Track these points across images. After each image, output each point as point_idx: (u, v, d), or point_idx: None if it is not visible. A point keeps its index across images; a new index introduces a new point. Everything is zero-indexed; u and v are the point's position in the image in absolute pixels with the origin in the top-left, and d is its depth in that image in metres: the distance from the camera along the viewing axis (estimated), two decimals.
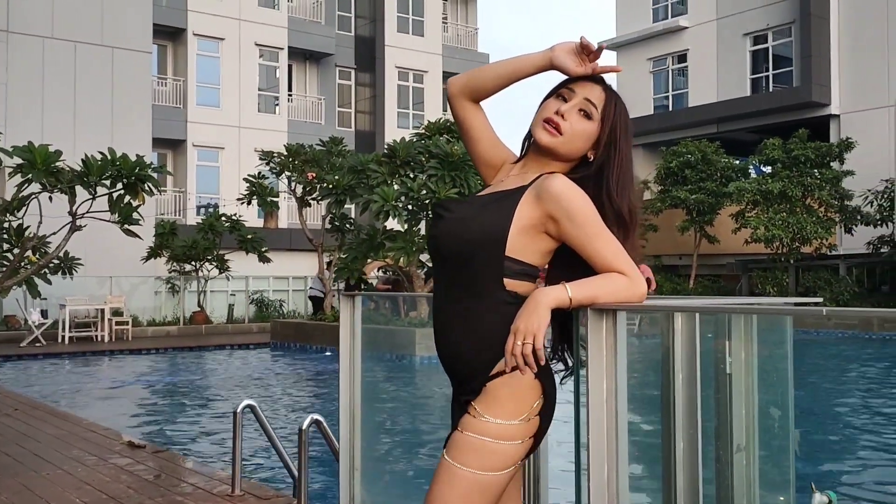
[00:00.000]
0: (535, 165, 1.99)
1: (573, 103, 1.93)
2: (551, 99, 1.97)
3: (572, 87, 1.96)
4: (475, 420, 1.86)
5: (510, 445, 1.85)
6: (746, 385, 2.40)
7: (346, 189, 14.27)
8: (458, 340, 1.93)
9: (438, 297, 2.00)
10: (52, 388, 11.52)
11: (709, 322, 2.43)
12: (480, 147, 2.12)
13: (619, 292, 1.82)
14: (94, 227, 9.18)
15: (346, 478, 3.70)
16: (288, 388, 11.80)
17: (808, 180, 21.24)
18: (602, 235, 1.86)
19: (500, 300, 1.87)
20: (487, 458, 1.84)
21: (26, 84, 20.79)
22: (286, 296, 22.88)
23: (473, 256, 1.89)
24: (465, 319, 1.92)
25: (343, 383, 3.69)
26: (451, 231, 1.94)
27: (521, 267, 1.90)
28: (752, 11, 26.35)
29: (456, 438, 1.88)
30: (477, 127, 2.11)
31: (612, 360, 1.81)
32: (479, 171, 2.16)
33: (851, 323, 19.46)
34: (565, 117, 1.92)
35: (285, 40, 27.18)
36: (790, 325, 2.32)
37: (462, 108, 2.10)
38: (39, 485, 4.96)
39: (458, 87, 2.09)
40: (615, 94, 1.98)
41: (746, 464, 2.40)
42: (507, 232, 1.88)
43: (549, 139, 1.93)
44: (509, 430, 1.85)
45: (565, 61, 1.96)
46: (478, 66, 2.82)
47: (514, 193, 1.94)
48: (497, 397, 1.86)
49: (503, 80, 2.05)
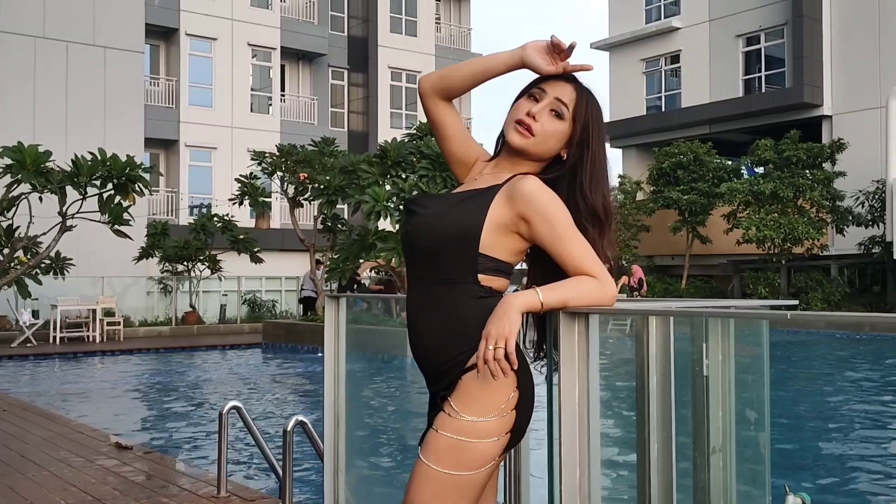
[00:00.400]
0: (508, 165, 2.00)
1: (544, 104, 1.94)
2: (523, 99, 1.97)
3: (543, 87, 1.96)
4: (450, 418, 1.85)
5: (486, 443, 1.83)
6: (723, 387, 2.41)
7: (337, 189, 14.27)
8: (431, 333, 1.93)
9: (412, 292, 2.00)
10: (42, 388, 11.49)
11: (686, 324, 2.44)
12: (453, 144, 2.12)
13: (589, 295, 1.82)
14: (86, 228, 9.20)
15: (331, 479, 3.71)
16: (277, 388, 11.79)
17: (799, 181, 21.29)
18: (572, 238, 1.86)
19: (474, 293, 1.88)
20: (463, 457, 1.82)
21: (18, 84, 20.72)
22: (279, 296, 22.86)
23: (447, 251, 1.90)
24: (438, 312, 1.92)
25: (328, 385, 3.69)
26: (424, 227, 1.94)
27: (494, 263, 1.90)
28: (744, 13, 26.42)
29: (431, 438, 1.87)
30: (449, 125, 2.11)
31: (584, 364, 1.82)
32: (452, 170, 2.16)
33: (843, 324, 19.54)
34: (536, 118, 1.92)
35: (278, 40, 27.17)
36: (766, 328, 2.33)
37: (434, 105, 2.10)
38: (25, 487, 4.95)
39: (429, 86, 2.09)
40: (587, 92, 1.98)
41: (723, 465, 2.42)
42: (481, 229, 1.88)
43: (520, 141, 1.94)
44: (484, 426, 1.83)
45: (536, 60, 1.96)
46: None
47: (487, 192, 1.94)
48: (470, 392, 1.85)
49: (474, 79, 2.05)
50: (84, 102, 21.47)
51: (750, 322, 2.34)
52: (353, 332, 3.82)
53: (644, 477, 2.07)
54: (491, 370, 1.76)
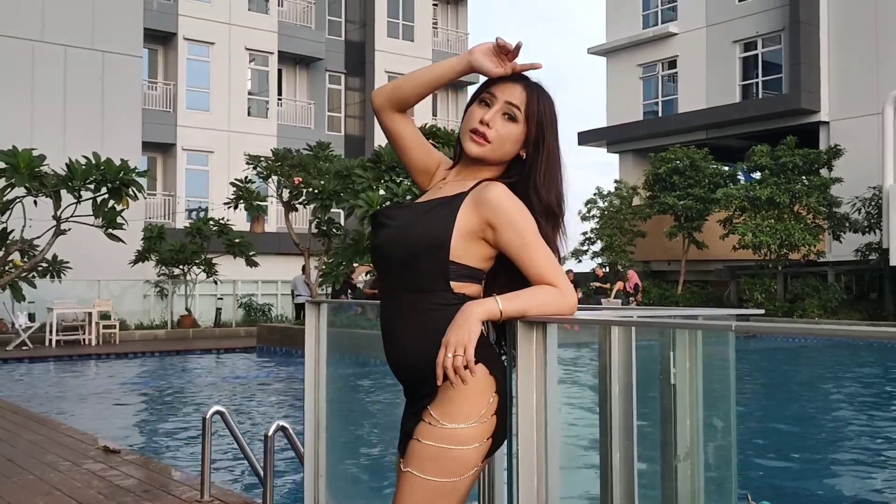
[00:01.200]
0: (470, 171, 2.01)
1: (496, 109, 1.94)
2: (474, 106, 1.98)
3: (493, 92, 1.96)
4: (431, 427, 1.86)
5: (469, 449, 1.85)
6: (691, 396, 2.42)
7: (331, 194, 14.29)
8: (408, 343, 1.94)
9: (385, 303, 2.01)
10: (36, 391, 11.50)
11: (654, 332, 2.45)
12: (413, 154, 2.13)
13: (549, 304, 1.84)
14: (83, 231, 9.21)
15: (311, 484, 3.72)
16: (269, 393, 11.80)
17: (796, 187, 21.32)
18: (536, 246, 1.88)
19: (448, 301, 1.89)
20: (447, 464, 1.83)
21: (16, 87, 20.76)
22: (275, 300, 22.87)
23: (418, 261, 1.91)
24: (413, 321, 1.93)
25: (308, 390, 3.70)
26: (394, 238, 1.96)
27: (466, 270, 1.92)
28: (741, 19, 26.46)
29: (413, 448, 1.88)
30: (406, 136, 2.12)
31: (541, 373, 1.84)
32: (415, 179, 2.17)
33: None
34: (490, 124, 1.93)
35: (275, 45, 27.22)
36: (732, 337, 2.35)
37: (389, 119, 2.11)
38: (9, 491, 4.95)
39: (382, 100, 2.10)
40: (537, 89, 1.98)
41: (691, 473, 2.43)
42: (450, 237, 1.89)
43: (477, 150, 1.95)
44: (466, 433, 1.84)
45: (484, 63, 1.96)
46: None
47: (454, 200, 1.95)
48: (450, 399, 1.85)
49: (425, 88, 2.06)
50: (82, 106, 21.51)
51: (717, 330, 2.35)
52: (347, 336, 3.84)
53: (606, 484, 2.08)
54: (450, 378, 1.77)
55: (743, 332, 1.79)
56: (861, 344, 18.28)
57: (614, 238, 24.20)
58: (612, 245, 24.13)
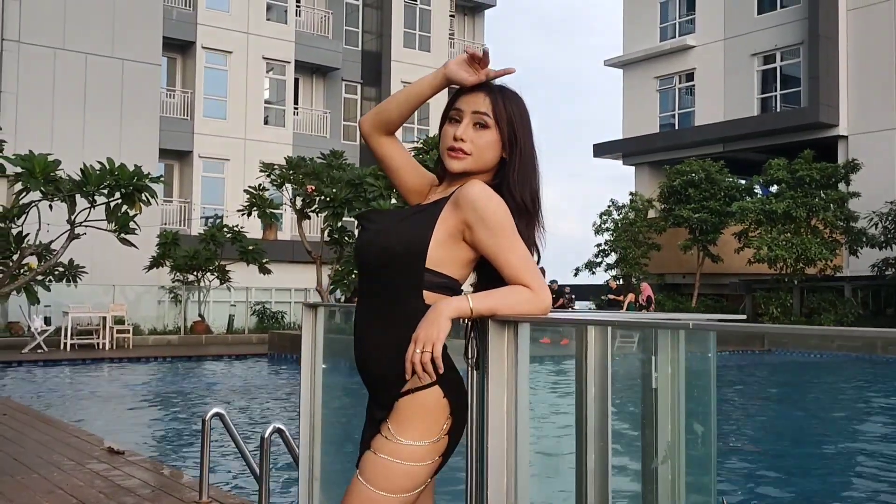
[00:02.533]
0: (458, 183, 2.02)
1: (466, 122, 1.97)
2: (446, 126, 2.02)
3: (458, 107, 2.00)
4: (388, 442, 1.89)
5: (420, 466, 1.88)
6: (672, 399, 2.43)
7: (343, 202, 14.36)
8: (374, 348, 1.96)
9: (359, 308, 2.03)
10: (48, 393, 11.60)
11: (638, 341, 2.46)
12: (404, 175, 2.15)
13: (521, 305, 1.85)
14: (100, 236, 9.28)
15: (305, 486, 3.73)
16: (275, 398, 11.84)
17: (812, 201, 21.17)
18: (513, 247, 1.89)
19: (418, 311, 1.88)
20: (398, 480, 1.87)
21: (37, 94, 21.04)
22: (288, 307, 22.95)
23: (392, 267, 1.92)
24: (382, 328, 1.94)
25: (304, 393, 3.72)
26: (372, 242, 1.97)
27: (441, 279, 1.92)
28: (760, 32, 26.36)
29: (369, 460, 1.91)
30: (396, 157, 2.15)
31: (512, 372, 1.85)
32: (407, 199, 2.18)
33: (855, 346, 19.37)
34: (464, 138, 1.96)
35: (292, 54, 27.41)
36: (713, 341, 2.35)
37: (377, 143, 2.14)
38: (12, 489, 5.01)
39: (369, 125, 2.14)
40: (500, 91, 2.00)
41: (671, 477, 2.43)
42: (428, 243, 1.91)
43: (459, 165, 1.97)
44: (419, 451, 1.88)
45: (459, 74, 2.00)
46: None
47: (436, 205, 1.97)
48: (407, 417, 1.89)
49: (407, 107, 2.09)
50: (101, 113, 21.77)
51: (698, 336, 2.36)
52: (343, 342, 3.86)
53: (581, 484, 2.09)
54: (417, 373, 1.79)
55: (699, 330, 1.80)
56: (877, 359, 18.11)
57: (629, 250, 24.12)
58: (627, 257, 24.05)
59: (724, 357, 18.80)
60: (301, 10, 28.70)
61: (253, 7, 26.66)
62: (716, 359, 2.31)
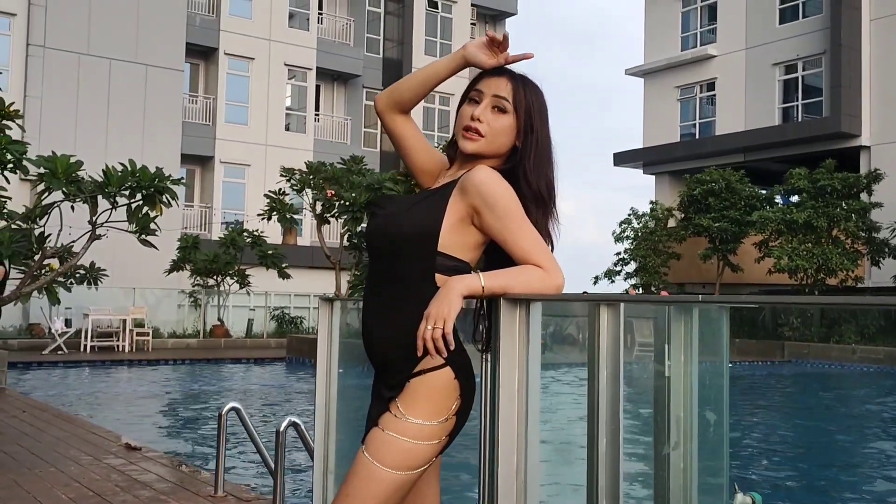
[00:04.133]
0: (468, 166, 2.02)
1: (485, 103, 1.98)
2: (464, 105, 2.02)
3: (479, 88, 2.00)
4: (396, 420, 1.89)
5: (428, 445, 1.89)
6: (685, 387, 2.42)
7: (362, 207, 14.41)
8: (384, 328, 1.97)
9: (367, 291, 2.04)
10: (67, 394, 11.69)
11: (648, 325, 2.45)
12: (415, 156, 2.16)
13: (532, 283, 1.85)
14: (121, 240, 9.39)
15: (320, 480, 3.74)
16: (290, 399, 11.87)
17: (834, 211, 20.98)
18: (522, 228, 1.89)
19: (430, 294, 1.88)
20: (406, 457, 1.87)
21: (61, 99, 21.31)
22: (306, 313, 23.03)
23: (404, 251, 1.93)
24: (394, 311, 1.95)
25: (319, 386, 3.73)
26: (382, 227, 1.98)
27: (453, 263, 1.93)
28: (782, 41, 26.22)
29: (376, 436, 1.91)
30: (409, 136, 2.16)
31: (523, 351, 1.85)
32: (418, 180, 2.20)
33: (878, 357, 19.15)
34: (481, 119, 1.96)
35: (314, 61, 27.57)
36: (726, 320, 2.34)
37: (391, 121, 2.15)
38: (29, 481, 5.06)
39: (383, 103, 2.15)
40: (522, 79, 2.01)
41: (684, 467, 2.42)
42: (440, 227, 1.91)
43: (472, 146, 1.98)
44: (427, 430, 1.88)
45: (478, 56, 2.01)
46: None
47: (445, 189, 1.98)
48: (418, 397, 1.89)
49: (423, 87, 2.10)
50: (124, 118, 22.01)
51: (711, 323, 2.35)
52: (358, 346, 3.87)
53: (592, 470, 2.08)
54: (428, 349, 1.80)
55: (709, 304, 1.79)
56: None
57: (648, 259, 24.01)
58: (646, 266, 23.93)
59: (743, 366, 18.64)
60: (323, 18, 28.88)
61: (275, 14, 26.87)
62: (728, 341, 2.29)
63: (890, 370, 18.47)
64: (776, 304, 20.45)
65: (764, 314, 23.55)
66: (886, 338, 20.53)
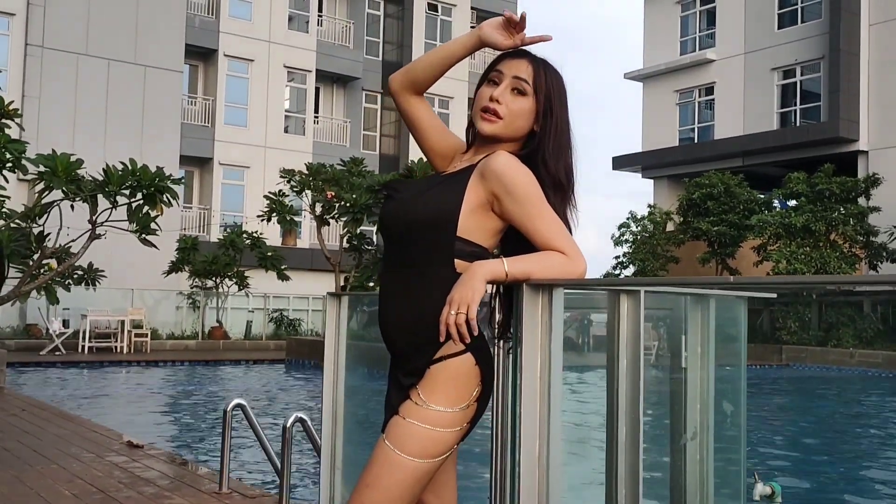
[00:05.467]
0: (485, 150, 2.00)
1: (504, 85, 1.95)
2: (483, 86, 1.99)
3: (500, 69, 1.97)
4: (417, 407, 1.87)
5: (449, 432, 1.87)
6: (702, 378, 2.41)
7: (363, 208, 14.39)
8: (402, 314, 1.94)
9: (385, 276, 2.02)
10: (65, 393, 11.65)
11: (665, 317, 2.44)
12: (429, 137, 2.14)
13: (555, 269, 1.84)
14: (119, 241, 9.36)
15: (327, 476, 3.72)
16: (290, 401, 11.84)
17: (832, 215, 21.01)
18: (543, 213, 1.87)
19: (450, 279, 1.87)
20: (428, 445, 1.85)
21: (59, 99, 21.26)
22: (305, 315, 22.99)
23: (423, 236, 1.91)
24: (411, 296, 1.93)
25: (327, 382, 3.72)
26: (399, 211, 1.96)
27: (472, 248, 1.91)
28: (780, 46, 26.27)
29: (397, 424, 1.88)
30: (423, 118, 2.14)
31: (546, 337, 1.84)
32: (432, 163, 2.17)
33: (875, 361, 19.16)
34: (500, 101, 1.94)
35: (313, 63, 27.57)
36: (744, 320, 2.33)
37: (405, 101, 2.13)
38: (32, 477, 5.03)
39: (398, 83, 2.13)
40: (542, 63, 1.98)
41: (700, 458, 2.41)
42: (458, 212, 1.89)
43: (490, 127, 1.95)
44: (449, 417, 1.86)
45: (494, 37, 1.98)
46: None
47: (463, 173, 1.95)
48: (439, 384, 1.87)
49: (438, 67, 2.08)
50: (122, 119, 21.96)
51: (728, 309, 2.34)
52: (368, 347, 3.88)
53: (612, 458, 2.07)
54: (451, 334, 1.78)
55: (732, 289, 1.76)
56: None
57: (647, 263, 24.02)
58: (645, 270, 23.94)
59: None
60: (322, 20, 28.89)
61: (275, 16, 26.87)
62: (746, 330, 2.28)
63: (889, 374, 18.47)
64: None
65: (762, 318, 23.56)
66: (884, 342, 20.55)
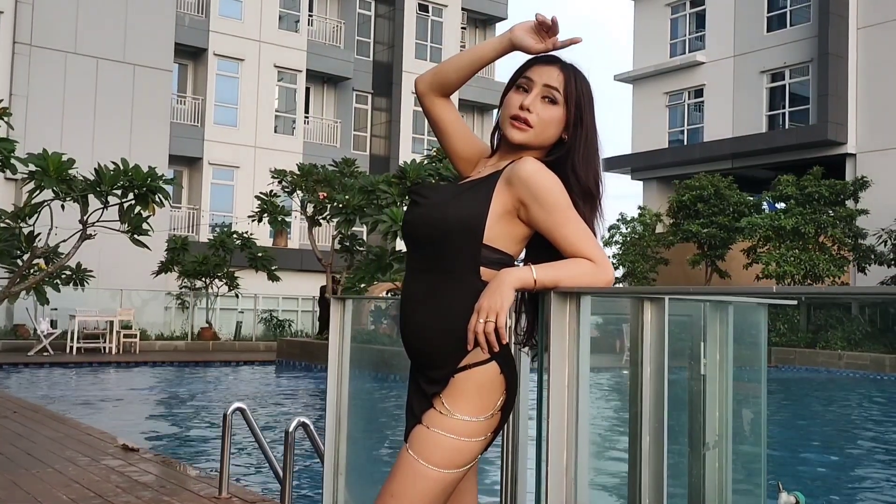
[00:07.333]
0: (510, 156, 1.97)
1: (535, 93, 1.92)
2: (512, 92, 1.96)
3: (529, 76, 1.94)
4: (442, 416, 1.84)
5: (474, 442, 1.84)
6: (721, 386, 2.40)
7: (356, 209, 14.35)
8: (426, 322, 1.91)
9: (408, 283, 1.99)
10: (55, 395, 11.55)
11: (684, 324, 2.43)
12: (454, 141, 2.11)
13: (584, 277, 1.81)
14: (108, 242, 9.30)
15: (330, 481, 3.69)
16: (284, 403, 11.78)
17: (821, 218, 21.13)
18: (570, 220, 1.85)
19: (475, 287, 1.84)
20: (452, 455, 1.82)
21: (47, 98, 21.09)
22: (295, 316, 22.90)
23: (449, 243, 1.88)
24: (436, 303, 1.90)
25: (331, 387, 3.69)
26: (425, 217, 1.93)
27: (497, 256, 1.88)
28: (769, 49, 26.41)
29: (421, 433, 1.85)
30: (449, 121, 2.10)
31: (573, 345, 1.81)
32: (456, 167, 2.14)
33: (864, 363, 19.26)
34: (531, 109, 1.91)
35: (304, 63, 27.48)
36: (765, 326, 2.32)
37: (432, 104, 2.09)
38: (28, 481, 4.97)
39: (425, 85, 2.08)
40: (572, 69, 1.95)
41: (719, 466, 2.39)
42: (485, 219, 1.87)
43: (521, 136, 1.92)
44: (474, 426, 1.84)
45: (525, 40, 1.94)
46: (495, 94, 2.72)
47: (489, 179, 1.92)
48: (464, 393, 1.84)
49: (467, 70, 2.04)
50: (111, 118, 21.81)
51: (747, 318, 2.33)
52: (370, 352, 3.85)
53: (635, 468, 2.05)
54: (480, 343, 1.76)
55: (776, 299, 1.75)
56: (886, 378, 18.01)
57: (637, 264, 24.07)
58: (635, 271, 23.99)
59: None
60: (313, 20, 28.80)
61: (265, 15, 26.76)
62: (766, 336, 2.27)
63: (875, 376, 18.58)
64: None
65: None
66: (872, 344, 20.66)
